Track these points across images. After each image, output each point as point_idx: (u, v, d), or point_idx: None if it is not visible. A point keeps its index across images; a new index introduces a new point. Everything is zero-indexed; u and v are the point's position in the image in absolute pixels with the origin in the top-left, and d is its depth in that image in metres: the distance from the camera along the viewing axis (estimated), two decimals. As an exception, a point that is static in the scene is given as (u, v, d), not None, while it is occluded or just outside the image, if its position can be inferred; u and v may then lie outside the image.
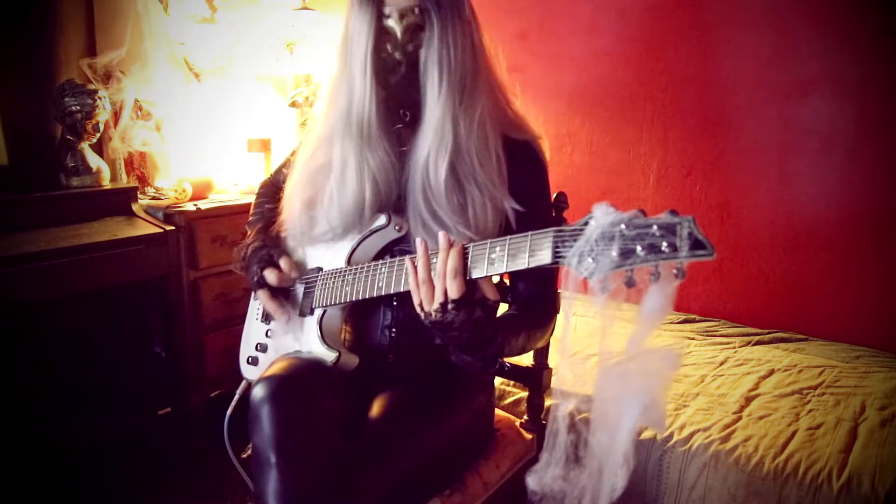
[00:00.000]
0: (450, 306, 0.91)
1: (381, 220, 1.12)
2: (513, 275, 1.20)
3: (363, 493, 0.97)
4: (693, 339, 2.20)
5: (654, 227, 0.68)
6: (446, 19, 1.05)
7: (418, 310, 0.96)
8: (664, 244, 0.67)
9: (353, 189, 1.11)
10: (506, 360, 1.45)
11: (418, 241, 0.94)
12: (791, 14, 2.15)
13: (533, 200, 1.15)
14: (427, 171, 1.07)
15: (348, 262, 1.13)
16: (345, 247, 1.15)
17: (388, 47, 1.07)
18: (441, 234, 0.92)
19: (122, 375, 1.96)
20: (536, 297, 1.18)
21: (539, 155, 1.20)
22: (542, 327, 1.15)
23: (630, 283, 0.69)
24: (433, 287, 0.92)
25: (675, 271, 0.67)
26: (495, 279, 1.33)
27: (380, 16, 1.06)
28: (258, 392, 0.98)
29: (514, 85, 1.19)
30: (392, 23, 1.06)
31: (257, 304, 1.31)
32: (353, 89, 1.09)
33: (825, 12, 2.10)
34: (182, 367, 1.98)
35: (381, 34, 1.07)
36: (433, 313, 0.93)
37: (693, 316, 2.40)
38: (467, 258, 0.90)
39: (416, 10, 1.05)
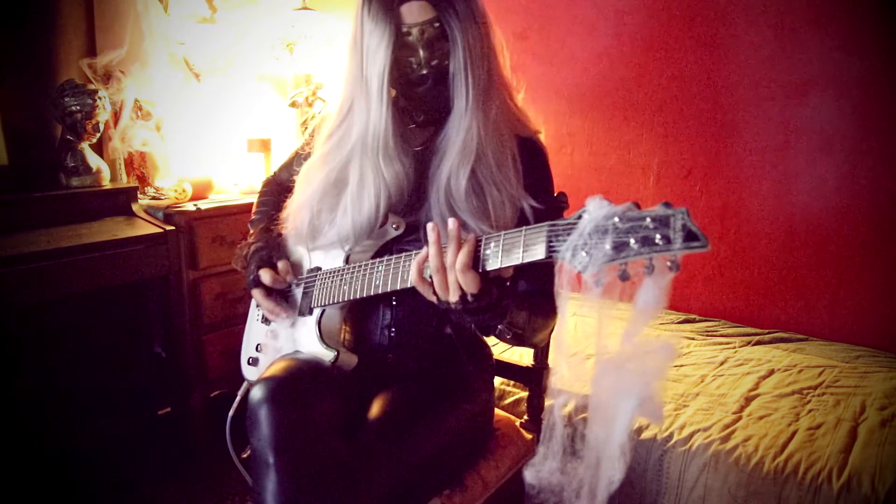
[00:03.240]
0: (470, 298, 0.89)
1: None
2: (513, 272, 1.20)
3: (362, 493, 0.96)
4: (693, 339, 2.19)
5: (648, 219, 0.67)
6: (467, 28, 1.04)
7: (432, 299, 0.94)
8: (658, 236, 0.66)
9: (369, 204, 1.10)
10: (504, 359, 1.45)
11: (429, 226, 0.90)
12: (791, 14, 2.15)
13: (544, 195, 1.15)
14: (450, 178, 1.08)
15: (346, 261, 1.13)
16: (343, 247, 1.15)
17: (413, 63, 1.07)
18: (451, 221, 0.88)
19: (122, 375, 1.96)
20: (537, 293, 1.17)
21: (543, 150, 1.21)
22: (543, 316, 1.11)
23: (624, 277, 0.69)
24: (446, 276, 0.89)
25: (669, 264, 0.67)
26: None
27: (398, 33, 1.05)
28: (256, 393, 0.98)
29: (517, 81, 1.19)
30: (413, 39, 1.05)
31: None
32: (370, 108, 1.08)
33: (825, 12, 2.10)
34: (182, 367, 1.98)
35: (400, 50, 1.06)
36: (453, 304, 0.91)
37: (693, 316, 2.40)
38: (479, 253, 0.88)
39: (436, 24, 1.04)
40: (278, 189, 1.33)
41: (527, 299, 1.09)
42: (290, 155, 1.39)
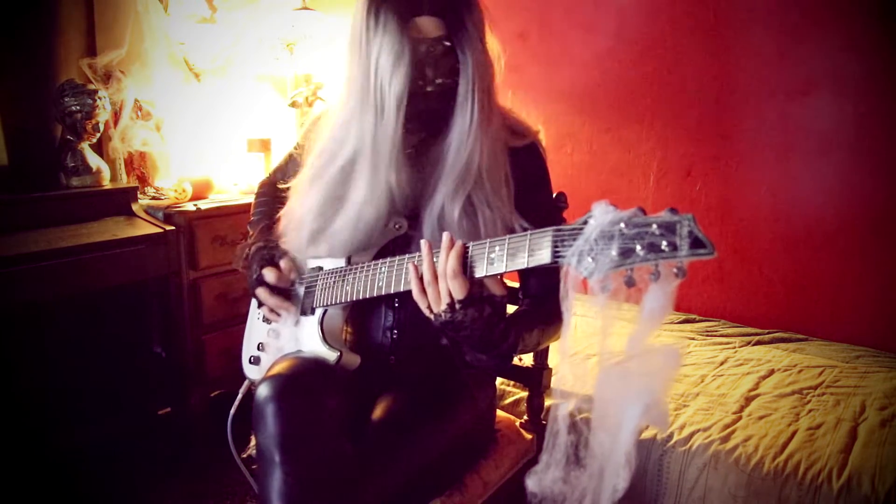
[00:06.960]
0: (457, 306, 0.91)
1: None
2: (522, 271, 1.20)
3: (366, 493, 0.97)
4: (693, 339, 2.19)
5: (654, 225, 0.67)
6: (475, 46, 1.02)
7: (427, 312, 0.95)
8: (664, 243, 0.66)
9: (368, 218, 1.08)
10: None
11: (423, 242, 0.93)
12: (792, 14, 2.15)
13: (541, 199, 1.15)
14: (444, 205, 1.06)
15: (348, 262, 1.13)
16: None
17: (418, 80, 1.04)
18: (445, 235, 0.91)
19: (122, 375, 1.96)
20: (549, 291, 1.16)
21: (541, 155, 1.19)
22: (555, 322, 1.12)
23: (630, 283, 0.69)
24: (438, 287, 0.92)
25: (675, 270, 0.67)
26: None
27: (414, 49, 1.01)
28: (262, 391, 0.98)
29: (504, 85, 1.15)
30: (421, 56, 1.03)
31: (259, 303, 1.31)
32: (380, 127, 1.04)
33: (826, 12, 2.10)
34: (182, 367, 1.98)
35: (413, 68, 1.03)
36: (442, 314, 0.92)
37: (693, 316, 2.40)
38: (468, 257, 0.90)
39: (445, 42, 1.03)
40: (274, 191, 1.33)
41: (534, 317, 1.09)
42: (283, 157, 1.38)
